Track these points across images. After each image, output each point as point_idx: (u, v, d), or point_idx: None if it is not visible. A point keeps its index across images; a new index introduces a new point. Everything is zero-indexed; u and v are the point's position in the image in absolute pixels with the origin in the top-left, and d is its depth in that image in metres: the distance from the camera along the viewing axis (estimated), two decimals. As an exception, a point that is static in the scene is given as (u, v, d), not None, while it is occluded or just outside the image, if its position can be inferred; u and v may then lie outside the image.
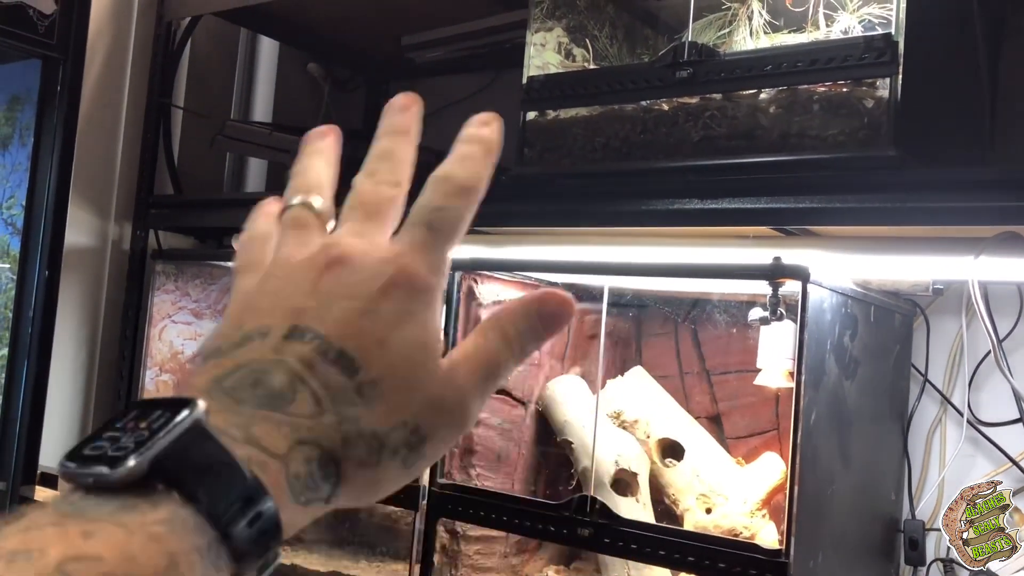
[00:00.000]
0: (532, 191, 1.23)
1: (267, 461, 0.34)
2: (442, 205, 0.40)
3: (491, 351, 0.40)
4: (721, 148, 1.08)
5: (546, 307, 0.41)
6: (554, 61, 1.31)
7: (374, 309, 0.38)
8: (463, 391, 0.39)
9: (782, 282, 1.03)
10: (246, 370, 0.37)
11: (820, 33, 1.17)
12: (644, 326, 1.50)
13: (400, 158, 0.43)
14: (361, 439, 0.37)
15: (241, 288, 0.41)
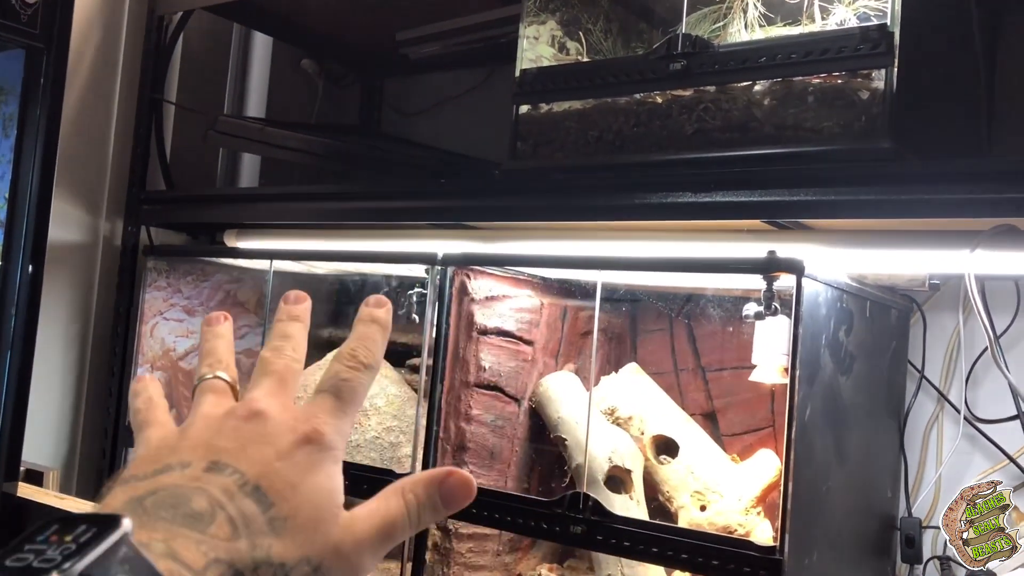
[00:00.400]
0: (525, 185, 1.22)
1: (185, 575, 0.37)
2: (347, 377, 0.47)
3: (389, 514, 0.44)
4: (715, 141, 1.07)
5: (447, 486, 0.45)
6: (547, 54, 1.30)
7: (288, 456, 0.43)
8: (360, 543, 0.43)
9: (776, 276, 1.02)
10: (166, 492, 0.40)
11: (816, 25, 1.16)
12: (639, 322, 1.49)
13: (298, 340, 0.49)
14: (269, 567, 0.40)
15: (151, 437, 0.46)
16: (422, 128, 2.03)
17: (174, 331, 1.65)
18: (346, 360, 0.47)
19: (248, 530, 0.40)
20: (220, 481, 0.41)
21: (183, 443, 0.44)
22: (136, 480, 0.42)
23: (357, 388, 0.47)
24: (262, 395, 0.45)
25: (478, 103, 1.91)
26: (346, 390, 0.46)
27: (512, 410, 1.33)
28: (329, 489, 0.43)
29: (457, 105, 1.96)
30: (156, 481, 0.41)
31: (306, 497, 0.42)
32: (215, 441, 0.43)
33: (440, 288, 1.24)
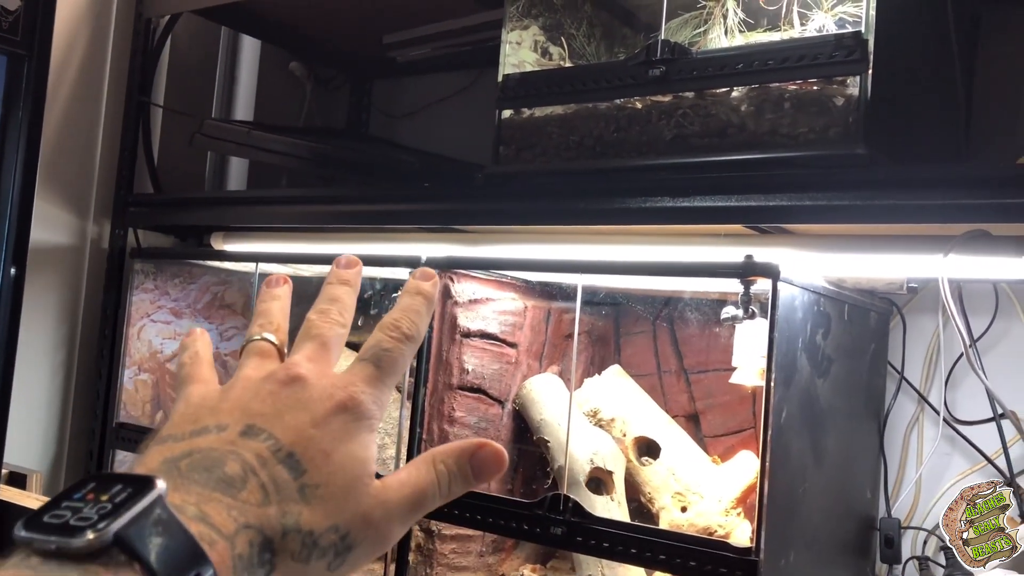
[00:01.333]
0: (507, 189, 1.23)
1: (216, 539, 0.38)
2: (389, 347, 0.46)
3: (420, 484, 0.45)
4: (694, 146, 1.08)
5: (479, 457, 0.46)
6: (530, 59, 1.31)
7: (324, 424, 0.43)
8: (390, 512, 0.44)
9: (753, 280, 1.03)
10: (200, 455, 0.41)
11: (795, 31, 1.17)
12: (622, 324, 1.50)
13: (345, 304, 0.50)
14: (297, 534, 0.41)
15: (192, 393, 0.46)
16: (410, 130, 2.04)
17: (161, 333, 1.66)
18: (389, 330, 0.47)
19: (279, 496, 0.40)
20: (254, 446, 0.41)
21: (222, 405, 0.44)
22: (173, 440, 0.42)
23: (398, 359, 0.47)
24: (302, 359, 0.45)
25: (465, 105, 1.92)
26: (387, 360, 0.46)
27: (495, 412, 1.34)
28: (362, 458, 0.43)
29: (444, 107, 1.97)
30: (192, 443, 0.42)
31: (339, 465, 0.42)
32: (252, 405, 0.44)
33: (423, 291, 1.25)
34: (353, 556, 0.42)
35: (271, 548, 0.40)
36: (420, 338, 0.48)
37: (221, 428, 0.42)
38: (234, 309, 1.77)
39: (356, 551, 0.42)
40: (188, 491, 0.39)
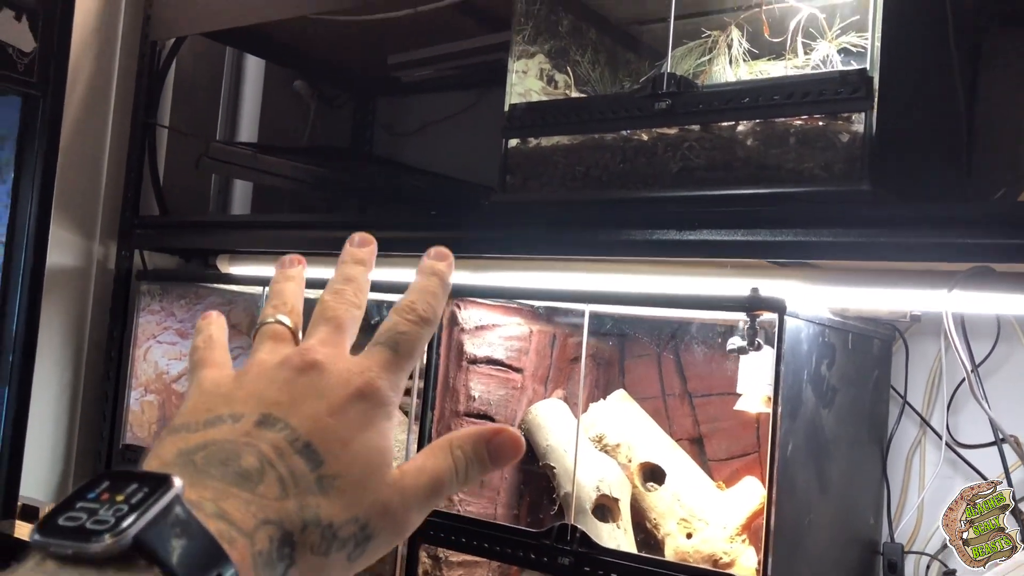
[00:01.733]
0: (514, 218, 1.23)
1: (236, 537, 0.36)
2: (405, 331, 0.45)
3: (438, 471, 0.44)
4: (699, 179, 1.09)
5: (495, 443, 0.45)
6: (536, 87, 1.32)
7: (341, 412, 0.42)
8: (408, 500, 0.43)
9: (759, 314, 1.04)
10: (215, 447, 0.40)
11: (799, 60, 1.18)
12: (627, 347, 1.51)
13: (361, 284, 0.49)
14: (317, 527, 0.39)
15: (205, 379, 0.45)
16: (414, 148, 2.05)
17: (167, 354, 1.67)
18: (405, 312, 0.46)
19: (297, 489, 0.39)
20: (270, 437, 0.40)
21: (236, 392, 0.43)
22: (187, 431, 0.41)
23: (415, 342, 0.46)
24: (317, 344, 0.44)
25: (468, 124, 1.93)
26: (404, 344, 0.45)
27: (501, 438, 1.34)
28: (381, 447, 0.42)
29: (448, 126, 1.98)
30: (206, 434, 0.41)
31: (357, 455, 0.41)
32: (267, 393, 0.42)
33: (430, 319, 1.26)
34: (372, 546, 0.42)
35: (291, 543, 0.39)
36: (436, 320, 0.47)
37: (236, 418, 0.41)
38: (239, 329, 1.77)
39: (375, 541, 0.42)
40: (204, 486, 0.38)
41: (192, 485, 0.37)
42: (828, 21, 1.16)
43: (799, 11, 1.17)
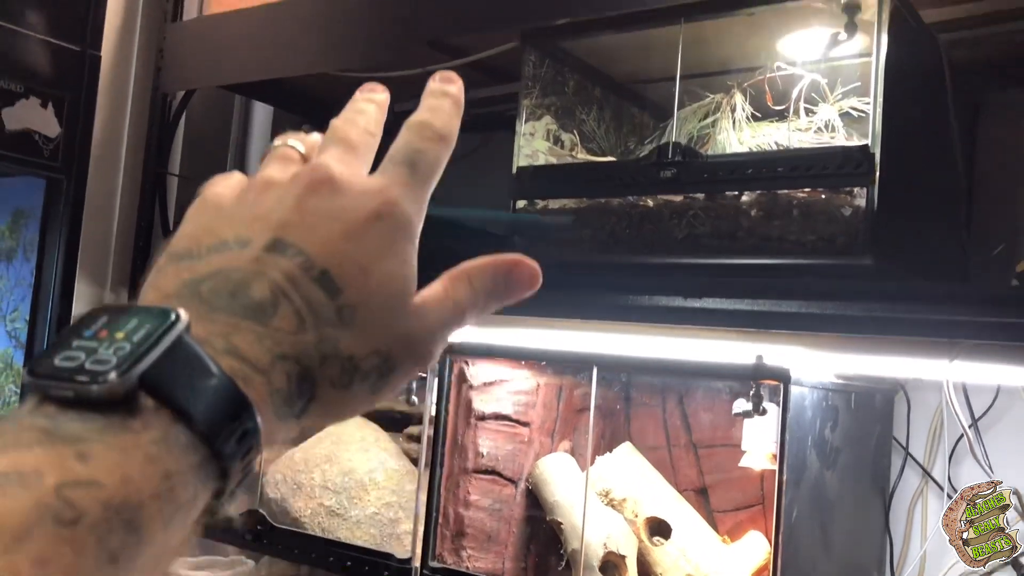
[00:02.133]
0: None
1: (250, 375, 0.34)
2: (422, 147, 0.42)
3: (458, 300, 0.41)
4: (704, 247, 1.11)
5: (514, 275, 0.43)
6: (543, 148, 1.35)
7: (359, 236, 0.38)
8: (431, 329, 0.40)
9: (764, 381, 1.06)
10: (223, 277, 0.36)
11: (802, 122, 1.20)
12: (633, 396, 1.53)
13: (373, 117, 0.44)
14: (337, 360, 0.37)
15: (207, 196, 0.41)
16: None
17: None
18: (421, 130, 0.42)
19: (315, 321, 0.36)
20: (283, 264, 0.37)
21: (241, 212, 0.39)
22: (189, 258, 0.37)
23: (433, 160, 0.42)
24: (331, 160, 0.40)
25: (474, 166, 1.96)
26: (422, 162, 0.41)
27: (509, 492, 1.36)
28: (403, 275, 0.39)
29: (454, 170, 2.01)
30: (211, 262, 0.37)
31: (378, 284, 0.38)
32: (276, 214, 0.38)
33: (440, 376, 1.28)
34: (395, 376, 0.39)
35: (311, 379, 0.36)
36: (453, 140, 0.43)
37: (243, 243, 0.37)
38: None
39: (398, 372, 0.39)
40: (213, 320, 0.34)
41: (199, 319, 0.34)
42: (830, 84, 1.18)
43: (802, 77, 1.19)
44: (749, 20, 1.16)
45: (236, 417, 0.32)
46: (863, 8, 1.09)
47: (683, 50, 1.21)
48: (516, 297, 0.43)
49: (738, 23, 1.18)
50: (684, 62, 1.22)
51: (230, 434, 0.32)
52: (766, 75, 1.20)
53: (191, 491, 0.31)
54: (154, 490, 0.30)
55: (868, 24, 1.09)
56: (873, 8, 1.07)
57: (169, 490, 0.30)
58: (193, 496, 0.31)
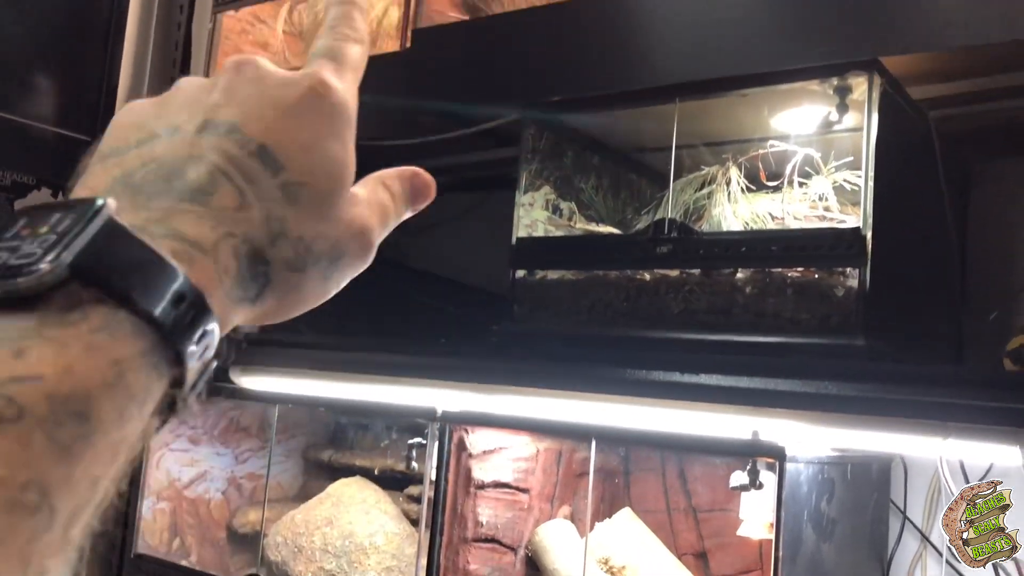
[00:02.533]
0: (520, 349, 1.27)
1: (195, 255, 0.32)
2: (337, 44, 0.41)
3: (385, 201, 0.42)
4: (701, 322, 1.13)
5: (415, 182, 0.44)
6: (542, 217, 1.37)
7: (296, 113, 0.37)
8: (370, 223, 0.40)
9: (760, 459, 1.07)
10: (155, 164, 0.35)
11: (797, 194, 1.22)
12: (632, 460, 1.53)
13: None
14: (287, 240, 0.36)
15: (131, 105, 0.39)
16: (423, 245, 2.10)
17: (179, 460, 1.70)
18: (330, 35, 0.42)
19: (258, 196, 0.35)
20: (217, 143, 0.35)
21: (168, 106, 0.37)
22: (117, 154, 0.35)
23: (352, 53, 0.41)
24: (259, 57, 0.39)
25: (475, 223, 1.99)
26: (342, 54, 0.41)
27: (509, 560, 1.37)
28: (344, 160, 0.38)
29: (455, 227, 2.04)
30: (140, 153, 0.35)
31: (320, 163, 0.37)
32: (206, 98, 0.37)
33: (440, 445, 1.29)
34: (343, 265, 0.39)
35: (263, 259, 0.35)
36: (366, 42, 0.43)
37: (173, 130, 0.36)
38: (249, 432, 1.81)
39: (345, 260, 0.38)
40: (149, 208, 0.33)
41: (134, 208, 0.32)
42: (824, 157, 1.21)
43: (795, 152, 1.22)
44: (743, 99, 1.19)
45: (181, 298, 0.31)
46: (853, 89, 1.12)
47: (679, 123, 1.24)
48: (420, 203, 0.44)
49: (732, 101, 1.20)
50: (680, 134, 1.25)
51: (178, 316, 0.31)
52: (759, 151, 1.22)
53: (143, 378, 0.30)
54: (102, 379, 0.28)
55: (859, 103, 1.12)
56: (863, 87, 1.09)
57: (118, 377, 0.29)
58: (147, 384, 0.30)
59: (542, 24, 1.29)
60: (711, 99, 1.18)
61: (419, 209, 0.44)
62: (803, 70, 1.08)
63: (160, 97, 0.38)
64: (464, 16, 1.48)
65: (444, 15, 1.46)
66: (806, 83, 1.12)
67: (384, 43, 1.65)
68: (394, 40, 1.62)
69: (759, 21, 1.08)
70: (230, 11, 1.72)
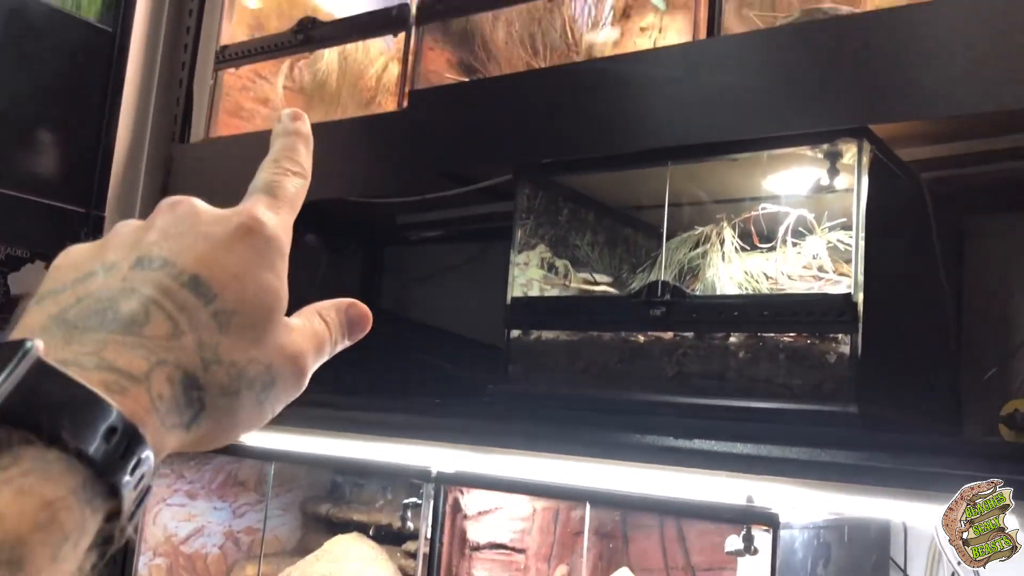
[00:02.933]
0: (515, 410, 1.27)
1: (127, 385, 0.33)
2: (276, 179, 0.43)
3: (320, 330, 0.42)
4: (695, 386, 1.13)
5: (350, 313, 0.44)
6: (537, 276, 1.37)
7: (228, 246, 0.38)
8: (303, 350, 0.40)
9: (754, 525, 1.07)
10: (90, 299, 0.35)
11: (790, 252, 1.23)
12: (630, 518, 1.52)
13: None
14: (220, 366, 0.36)
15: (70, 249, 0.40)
16: (420, 295, 2.11)
17: (176, 515, 1.69)
18: (271, 168, 0.43)
19: (191, 325, 0.35)
20: (150, 276, 0.36)
21: (106, 247, 0.38)
22: (53, 294, 0.36)
23: (290, 188, 0.43)
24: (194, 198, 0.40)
25: (472, 273, 2.00)
26: (279, 189, 0.42)
27: (505, 622, 1.35)
28: (276, 289, 0.39)
29: (454, 275, 2.05)
30: (76, 291, 0.36)
31: (253, 293, 0.38)
32: (141, 237, 0.38)
33: (434, 507, 1.29)
34: (277, 390, 0.39)
35: (197, 384, 0.35)
36: (307, 172, 0.44)
37: (108, 267, 0.37)
38: (247, 486, 1.80)
39: (279, 384, 0.39)
40: (82, 342, 0.33)
41: (67, 343, 0.33)
42: (817, 217, 1.21)
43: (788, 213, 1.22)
44: (735, 162, 1.19)
45: (112, 431, 0.31)
46: (843, 154, 1.12)
47: (671, 184, 1.24)
48: (357, 333, 0.45)
49: (724, 163, 1.21)
50: (673, 194, 1.25)
51: (110, 450, 0.31)
52: (752, 213, 1.23)
53: (77, 516, 0.30)
54: (34, 523, 0.28)
55: (850, 166, 1.12)
56: (853, 153, 1.10)
57: (51, 519, 0.29)
58: (80, 521, 0.30)
59: (536, 87, 1.31)
60: (702, 163, 1.19)
61: (356, 339, 0.45)
62: (793, 136, 1.09)
63: (99, 240, 0.40)
64: (461, 76, 1.50)
65: (441, 75, 1.48)
66: (796, 148, 1.12)
67: (384, 100, 1.67)
68: (393, 97, 1.64)
69: (750, 88, 1.09)
70: (231, 68, 1.74)
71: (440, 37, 1.53)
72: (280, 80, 1.77)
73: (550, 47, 1.48)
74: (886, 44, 1.00)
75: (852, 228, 1.10)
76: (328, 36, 1.64)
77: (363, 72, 1.68)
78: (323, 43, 1.65)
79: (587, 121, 1.24)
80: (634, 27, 1.45)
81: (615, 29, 1.49)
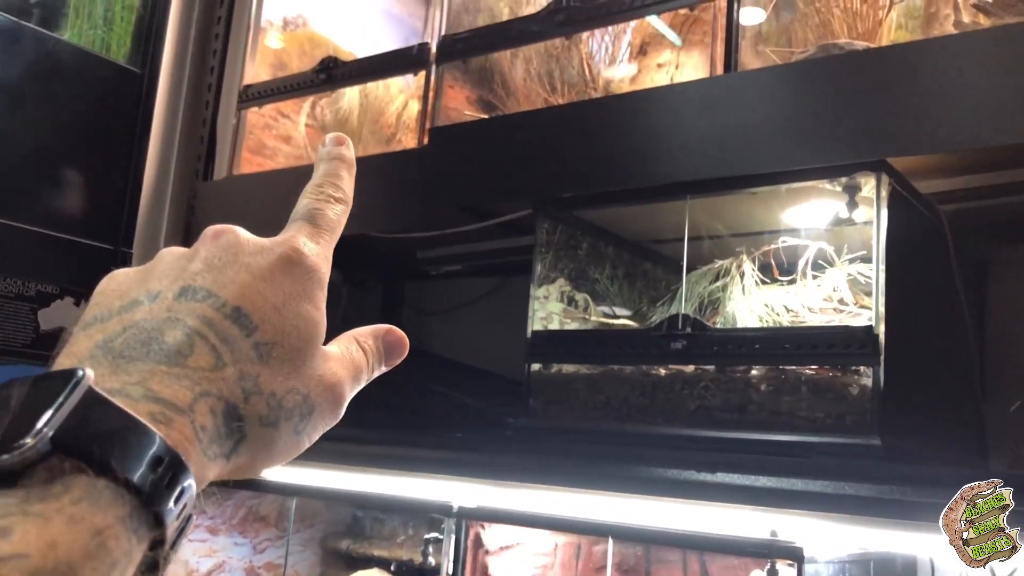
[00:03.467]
0: (535, 444, 1.27)
1: (172, 416, 0.34)
2: (319, 207, 0.44)
3: (356, 359, 0.44)
4: (716, 419, 1.12)
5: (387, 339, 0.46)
6: (557, 309, 1.38)
7: (269, 277, 0.39)
8: (341, 379, 0.42)
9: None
10: (135, 329, 0.36)
11: (811, 284, 1.23)
12: (652, 552, 1.51)
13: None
14: (260, 396, 0.37)
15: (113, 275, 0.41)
16: (440, 329, 2.12)
17: (197, 551, 1.69)
18: (313, 194, 0.45)
19: (233, 357, 0.36)
20: (195, 307, 0.37)
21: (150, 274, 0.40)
22: (99, 321, 0.38)
23: (331, 216, 0.44)
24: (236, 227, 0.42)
25: (491, 307, 2.01)
26: (320, 217, 0.44)
27: (527, 659, 1.34)
28: (315, 319, 0.40)
29: (473, 309, 2.06)
30: (123, 319, 0.37)
31: (292, 323, 0.39)
32: (185, 266, 0.39)
33: (456, 541, 1.28)
34: (314, 420, 0.40)
35: (238, 415, 0.36)
36: (349, 200, 0.46)
37: (153, 297, 0.38)
38: (268, 521, 1.80)
39: (316, 415, 0.40)
40: (128, 372, 0.34)
41: (114, 373, 0.34)
42: (837, 250, 1.21)
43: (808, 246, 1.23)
44: (754, 195, 1.20)
45: (158, 461, 0.32)
46: (862, 187, 1.13)
47: (691, 217, 1.25)
48: (394, 359, 0.46)
49: (744, 197, 1.22)
50: (692, 227, 1.26)
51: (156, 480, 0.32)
52: (771, 246, 1.23)
53: (124, 543, 0.31)
54: (84, 550, 0.29)
55: (869, 199, 1.13)
56: (872, 186, 1.10)
57: (100, 547, 0.30)
58: (127, 548, 0.31)
59: (555, 123, 1.32)
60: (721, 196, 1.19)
61: (393, 365, 0.46)
62: (811, 170, 1.09)
63: (143, 266, 0.41)
64: (480, 113, 1.52)
65: (460, 113, 1.50)
66: (815, 182, 1.13)
67: (404, 137, 1.70)
68: (413, 134, 1.67)
69: (767, 122, 1.10)
70: (254, 107, 1.77)
71: (459, 75, 1.56)
72: (302, 118, 1.80)
73: (568, 84, 1.51)
74: (902, 78, 1.01)
75: (872, 261, 1.10)
76: (350, 75, 1.67)
77: (384, 110, 1.70)
78: (345, 82, 1.68)
79: (606, 156, 1.25)
80: (651, 63, 1.47)
81: (632, 65, 1.51)
